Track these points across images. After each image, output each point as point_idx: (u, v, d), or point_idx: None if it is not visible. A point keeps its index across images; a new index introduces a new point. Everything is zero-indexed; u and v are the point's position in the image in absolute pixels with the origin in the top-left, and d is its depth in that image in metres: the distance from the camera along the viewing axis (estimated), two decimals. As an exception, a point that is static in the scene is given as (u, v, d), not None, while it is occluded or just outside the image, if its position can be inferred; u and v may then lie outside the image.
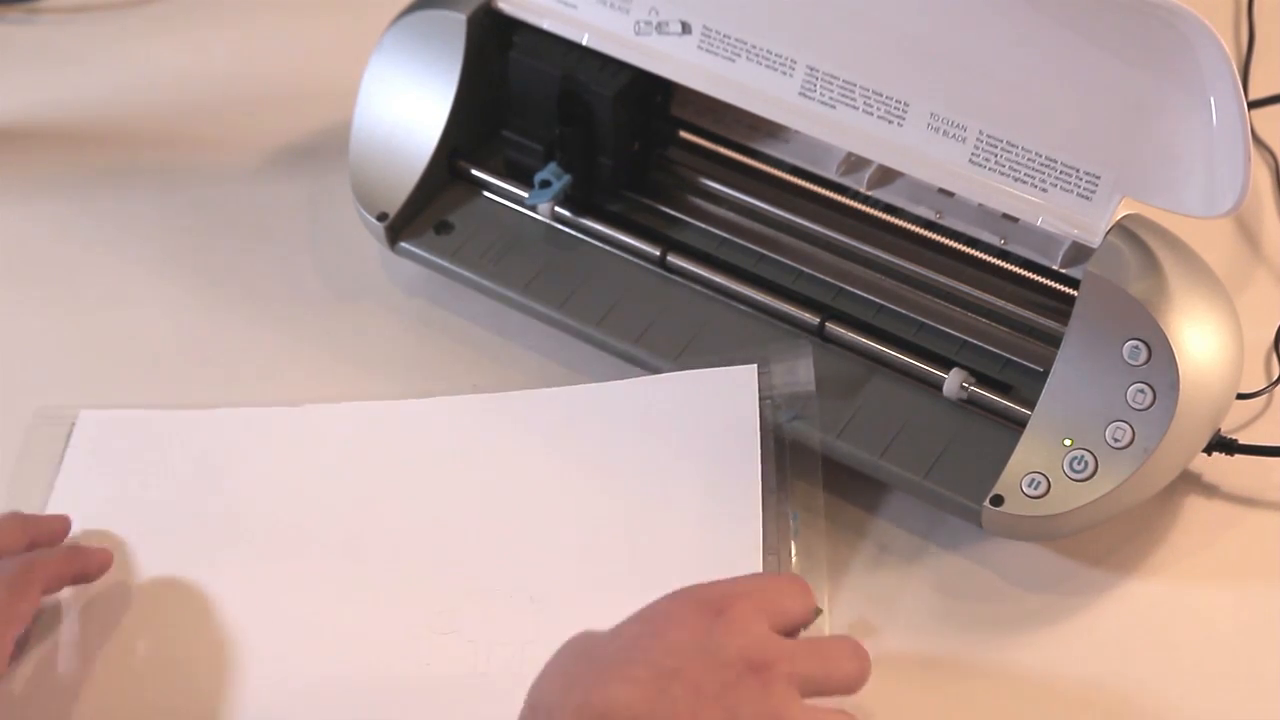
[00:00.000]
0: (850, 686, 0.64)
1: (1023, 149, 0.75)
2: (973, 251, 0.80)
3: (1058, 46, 0.72)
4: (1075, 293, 0.73)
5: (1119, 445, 0.70)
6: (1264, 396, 0.80)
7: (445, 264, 0.84)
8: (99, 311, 0.87)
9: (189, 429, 0.79)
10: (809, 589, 0.66)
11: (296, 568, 0.74)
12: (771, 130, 0.84)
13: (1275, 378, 0.81)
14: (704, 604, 0.63)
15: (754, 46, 0.80)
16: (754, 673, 0.61)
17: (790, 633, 0.65)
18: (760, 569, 0.71)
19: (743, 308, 0.81)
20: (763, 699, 0.60)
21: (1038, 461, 0.71)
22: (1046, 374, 0.73)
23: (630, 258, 0.83)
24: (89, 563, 0.73)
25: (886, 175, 0.81)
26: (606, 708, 0.58)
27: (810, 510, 0.74)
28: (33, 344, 0.86)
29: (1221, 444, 0.74)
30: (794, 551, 0.72)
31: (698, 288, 0.82)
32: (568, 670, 0.62)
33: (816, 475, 0.74)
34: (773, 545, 0.72)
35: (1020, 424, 0.73)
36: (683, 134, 0.86)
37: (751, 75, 0.80)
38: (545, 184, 0.83)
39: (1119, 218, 0.73)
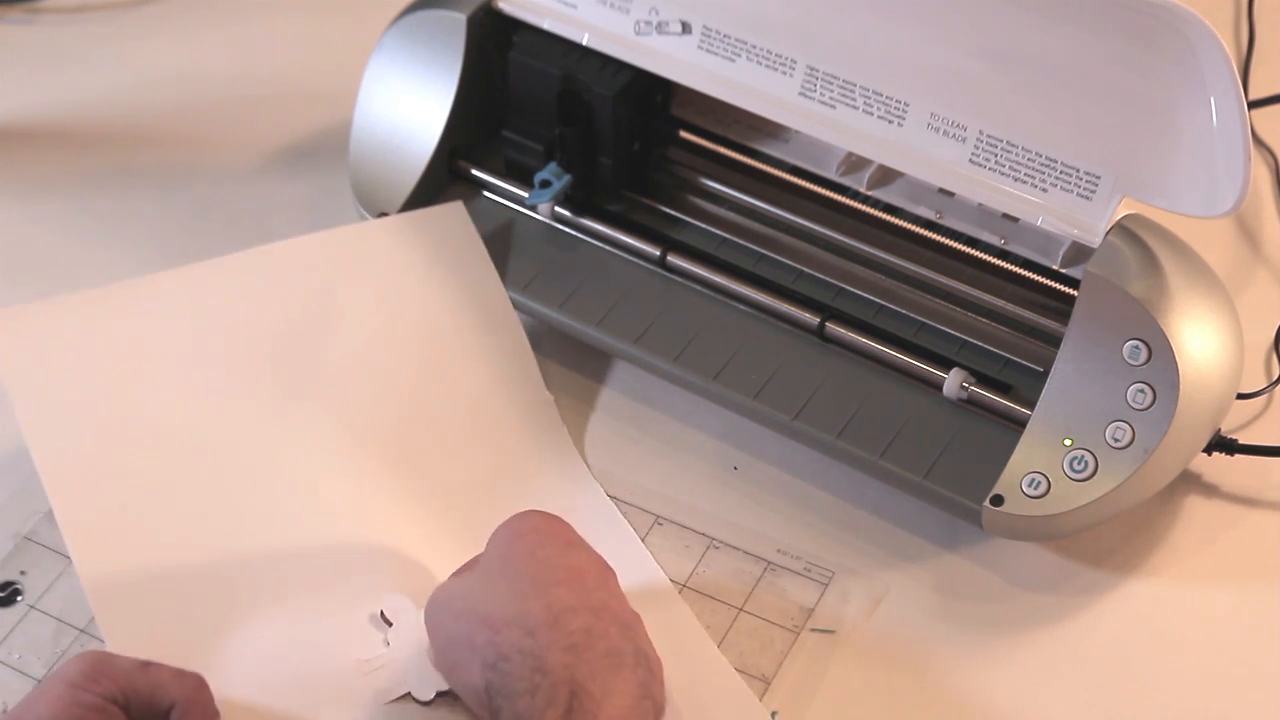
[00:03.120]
0: None
1: (1023, 149, 0.75)
2: (973, 251, 0.80)
3: (1058, 46, 0.72)
4: (1075, 293, 0.73)
5: (1119, 445, 0.70)
6: (1264, 396, 0.80)
7: (445, 264, 0.84)
8: (99, 311, 0.87)
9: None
10: None
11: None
12: (772, 130, 0.84)
13: (1275, 378, 0.81)
14: (546, 533, 0.68)
15: (754, 46, 0.80)
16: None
17: None
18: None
19: (743, 308, 0.81)
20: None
21: (1038, 461, 0.71)
22: (1046, 374, 0.73)
23: (630, 258, 0.83)
24: None
25: (886, 175, 0.81)
26: (566, 605, 0.64)
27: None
28: (33, 344, 0.86)
29: (1221, 444, 0.74)
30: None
31: (698, 288, 0.82)
32: (492, 588, 0.65)
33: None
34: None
35: (1020, 424, 0.73)
36: (683, 134, 0.86)
37: (751, 75, 0.80)
38: (545, 184, 0.83)
39: (1119, 218, 0.73)
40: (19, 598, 0.74)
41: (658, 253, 0.82)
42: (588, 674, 0.62)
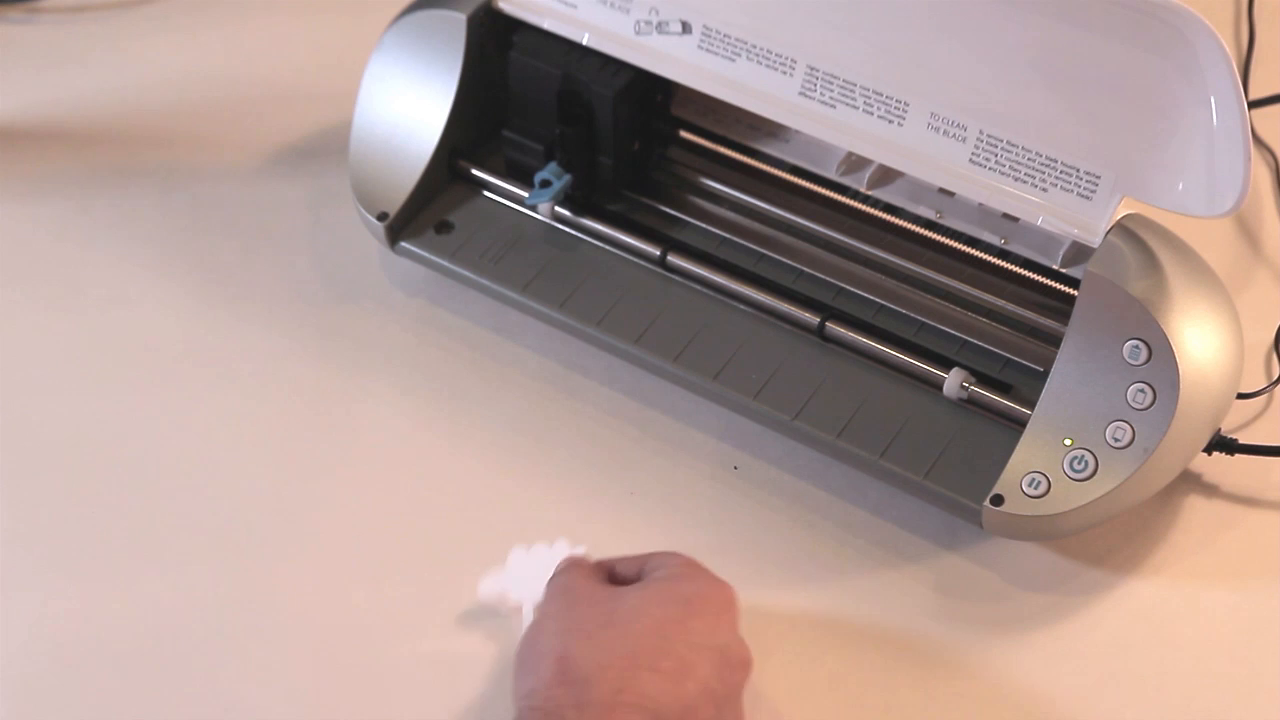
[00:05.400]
0: None
1: (1023, 149, 0.75)
2: (973, 251, 0.80)
3: (1058, 46, 0.72)
4: (1075, 292, 0.73)
5: (1119, 445, 0.70)
6: (1264, 396, 0.80)
7: (445, 264, 0.84)
8: (99, 311, 0.87)
9: None
10: None
11: None
12: (772, 130, 0.84)
13: (1275, 378, 0.81)
14: (717, 600, 0.66)
15: (754, 46, 0.80)
16: (742, 671, 0.65)
17: None
18: None
19: (743, 308, 0.81)
20: (738, 697, 0.65)
21: (1038, 461, 0.71)
22: (1046, 374, 0.73)
23: (630, 258, 0.83)
24: None
25: (887, 175, 0.81)
26: (639, 699, 0.61)
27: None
28: (33, 344, 0.86)
29: (1221, 444, 0.74)
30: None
31: (698, 288, 0.82)
32: (596, 638, 0.63)
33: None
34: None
35: (1020, 424, 0.73)
36: (683, 134, 0.86)
37: (752, 75, 0.80)
38: (545, 184, 0.83)
39: (1119, 217, 0.73)
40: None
41: (658, 253, 0.82)
42: None
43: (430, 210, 0.86)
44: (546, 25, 0.84)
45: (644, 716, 0.60)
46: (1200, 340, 0.71)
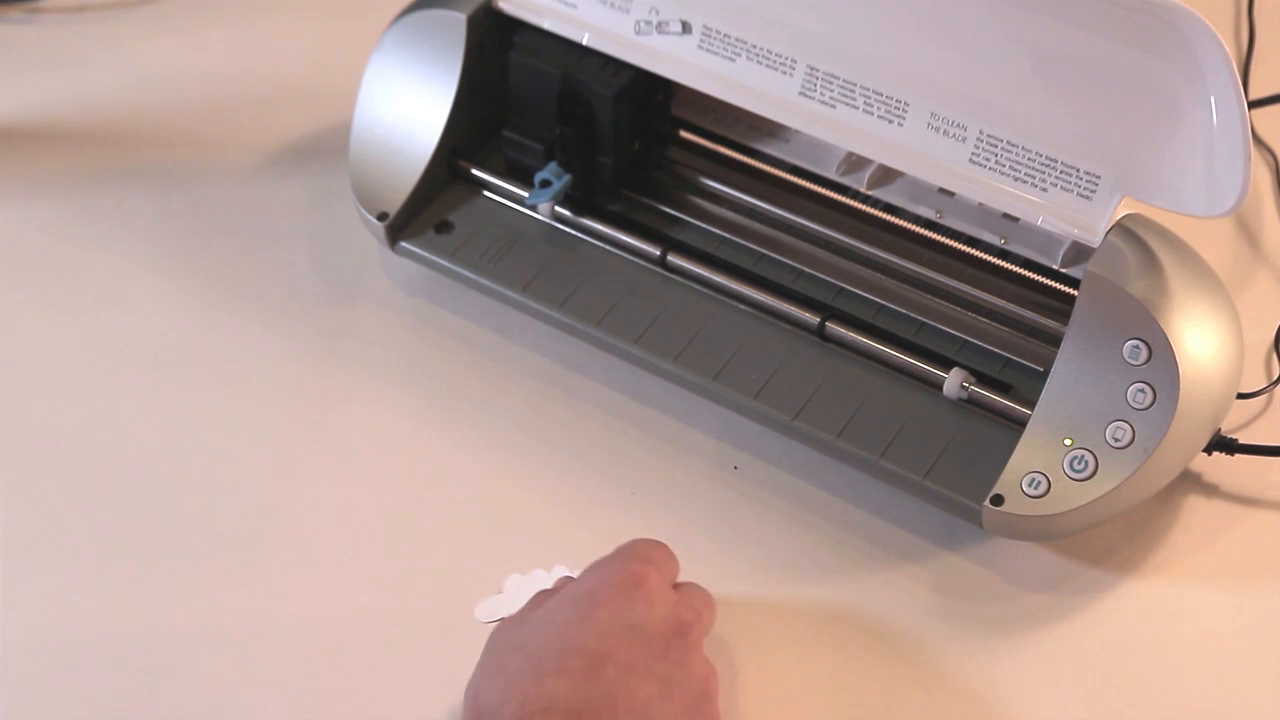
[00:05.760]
0: (710, 626, 0.69)
1: (1023, 149, 0.75)
2: (973, 251, 0.80)
3: (1058, 46, 0.72)
4: (1075, 292, 0.73)
5: (1119, 445, 0.70)
6: (1264, 396, 0.80)
7: (445, 264, 0.84)
8: (99, 311, 0.87)
9: None
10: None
11: None
12: (772, 130, 0.84)
13: (1275, 378, 0.81)
14: (621, 582, 0.65)
15: (754, 46, 0.80)
16: (679, 637, 0.64)
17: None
18: None
19: (743, 308, 0.81)
20: (690, 661, 0.64)
21: (1038, 461, 0.71)
22: (1046, 374, 0.73)
23: (630, 258, 0.83)
24: None
25: (887, 175, 0.81)
26: (547, 703, 0.60)
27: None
28: (33, 344, 0.86)
29: (1222, 444, 0.74)
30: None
31: (698, 288, 0.82)
32: (504, 666, 0.63)
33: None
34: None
35: (1020, 424, 0.73)
36: (683, 134, 0.86)
37: (752, 75, 0.80)
38: (545, 184, 0.83)
39: (1119, 217, 0.73)
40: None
41: (658, 253, 0.82)
42: None
43: (430, 210, 0.86)
44: (546, 25, 0.84)
45: (557, 717, 0.60)
46: (1200, 340, 0.71)
